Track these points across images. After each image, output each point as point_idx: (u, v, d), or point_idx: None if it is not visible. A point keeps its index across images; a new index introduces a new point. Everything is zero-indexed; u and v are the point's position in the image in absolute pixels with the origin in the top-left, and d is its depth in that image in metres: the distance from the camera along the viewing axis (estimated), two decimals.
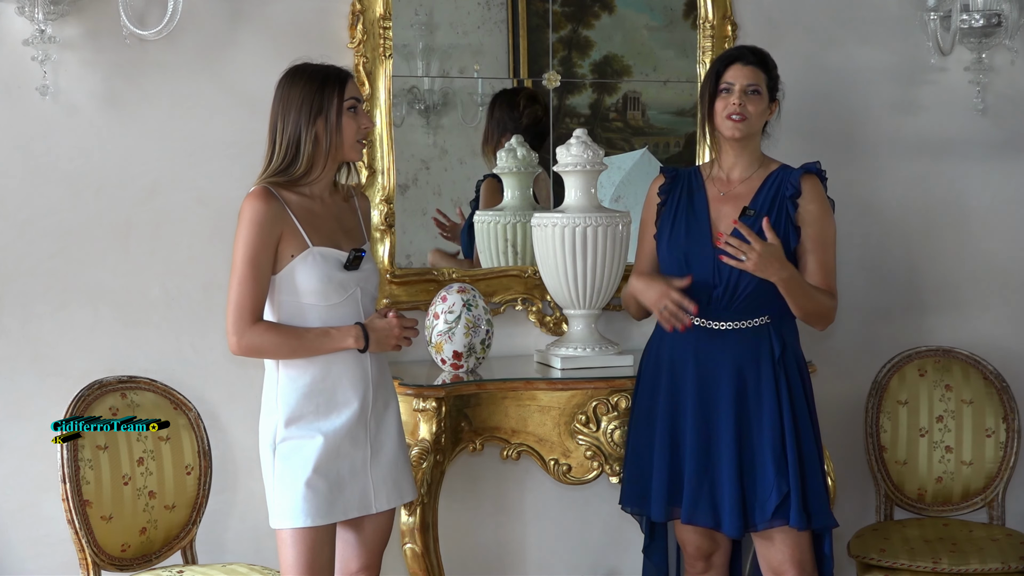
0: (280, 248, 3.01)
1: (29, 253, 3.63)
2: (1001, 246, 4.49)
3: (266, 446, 3.06)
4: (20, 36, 3.51)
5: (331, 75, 3.05)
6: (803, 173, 3.33)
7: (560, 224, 3.73)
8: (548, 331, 4.07)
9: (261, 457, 3.09)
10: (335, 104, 3.03)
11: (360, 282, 3.11)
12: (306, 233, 3.02)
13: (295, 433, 3.03)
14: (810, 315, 3.31)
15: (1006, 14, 4.09)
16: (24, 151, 3.61)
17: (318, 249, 3.03)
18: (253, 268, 2.97)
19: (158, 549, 3.51)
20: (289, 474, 3.02)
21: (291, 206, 3.03)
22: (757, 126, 3.34)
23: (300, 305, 3.03)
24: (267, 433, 3.06)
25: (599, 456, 3.73)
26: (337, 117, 3.03)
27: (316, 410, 3.04)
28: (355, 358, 3.08)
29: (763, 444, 3.26)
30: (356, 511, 3.09)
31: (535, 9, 4.11)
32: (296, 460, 3.02)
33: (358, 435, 3.08)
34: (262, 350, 3.02)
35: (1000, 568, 3.76)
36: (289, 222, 3.01)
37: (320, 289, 3.02)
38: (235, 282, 2.98)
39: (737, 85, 3.31)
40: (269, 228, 2.98)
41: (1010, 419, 4.13)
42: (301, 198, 3.06)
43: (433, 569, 3.57)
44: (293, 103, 3.02)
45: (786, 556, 3.29)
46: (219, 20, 3.74)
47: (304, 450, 3.02)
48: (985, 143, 4.44)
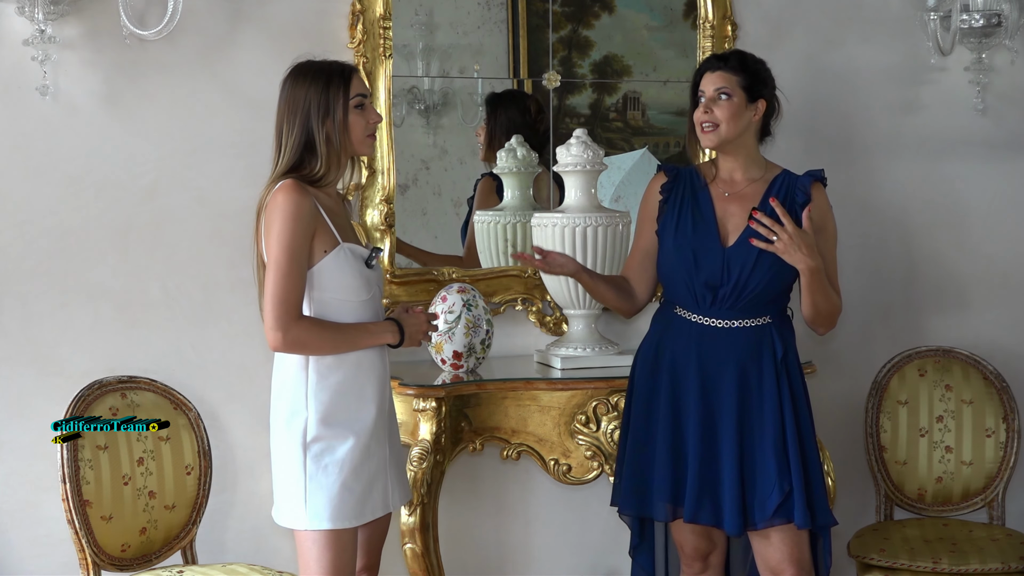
0: (314, 243, 2.97)
1: (29, 253, 3.63)
2: (1001, 246, 4.49)
3: (295, 445, 2.99)
4: (20, 36, 3.51)
5: (335, 73, 3.03)
6: (813, 181, 3.34)
7: (560, 224, 3.74)
8: (548, 331, 4.07)
9: (284, 456, 3.02)
10: (341, 103, 3.01)
11: (377, 281, 3.12)
12: (335, 229, 3.01)
13: (327, 433, 2.99)
14: (820, 315, 3.31)
15: (1006, 14, 4.10)
16: (24, 151, 3.61)
17: (348, 246, 3.02)
18: (294, 262, 2.93)
19: (158, 549, 3.51)
20: (323, 475, 2.98)
21: (320, 201, 3.01)
22: (733, 130, 3.32)
23: (334, 301, 3.00)
24: (295, 432, 3.00)
25: (599, 456, 3.73)
26: (344, 116, 3.02)
27: (348, 408, 3.01)
28: (379, 355, 3.08)
29: (765, 443, 3.26)
30: (381, 510, 3.09)
31: (535, 9, 4.11)
32: (329, 460, 2.98)
33: (381, 434, 3.07)
34: (306, 345, 2.96)
35: (1000, 568, 3.76)
36: (320, 217, 2.99)
37: (353, 284, 3.01)
38: (276, 276, 2.92)
39: (707, 92, 3.32)
40: (307, 221, 2.94)
41: (1010, 419, 4.13)
42: (322, 194, 3.05)
43: (433, 569, 3.57)
44: (299, 104, 3.00)
45: (784, 555, 3.29)
46: (219, 20, 3.75)
47: (338, 451, 2.99)
48: (985, 143, 4.44)
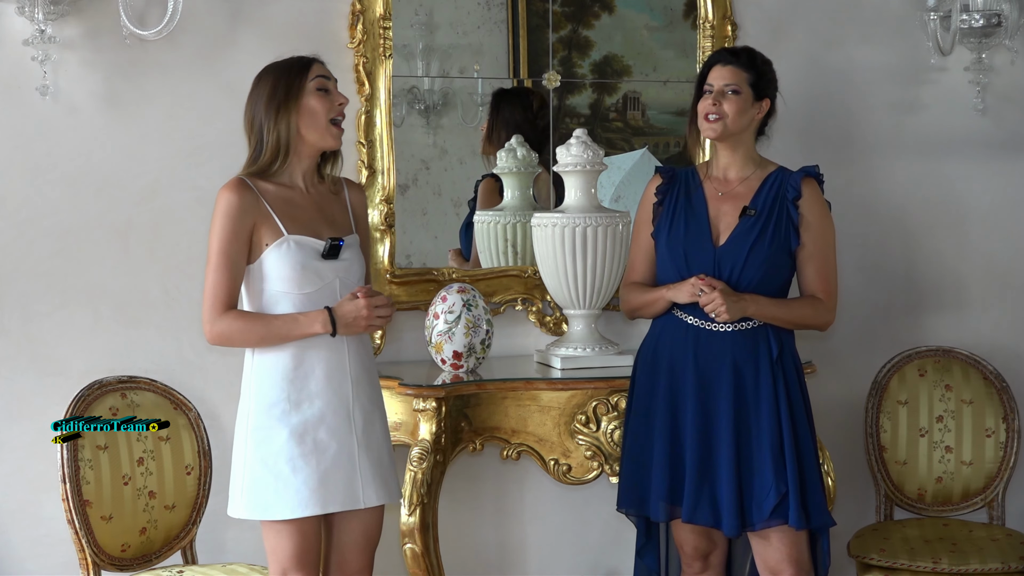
0: (255, 238, 3.02)
1: (29, 253, 3.63)
2: (1001, 246, 4.49)
3: (239, 433, 3.06)
4: (20, 36, 3.51)
5: (294, 63, 3.08)
6: (803, 176, 3.34)
7: (560, 224, 3.73)
8: (548, 331, 4.07)
9: (235, 444, 3.08)
10: (297, 86, 3.04)
11: (339, 272, 3.08)
12: (282, 222, 3.02)
13: (265, 422, 3.01)
14: (798, 327, 3.38)
15: (1006, 14, 4.10)
16: (24, 151, 3.61)
17: (293, 237, 3.02)
18: (224, 258, 2.99)
19: (158, 549, 3.51)
20: (259, 463, 3.00)
21: (267, 196, 3.03)
22: (737, 125, 3.34)
23: (274, 293, 3.03)
24: (242, 420, 3.06)
25: (599, 456, 3.73)
26: (299, 100, 3.03)
27: (287, 398, 3.02)
28: (330, 348, 3.05)
29: (761, 444, 3.26)
30: (340, 505, 3.05)
31: (535, 9, 4.11)
32: (267, 449, 3.00)
33: (337, 427, 3.04)
34: (231, 338, 3.03)
35: (1000, 568, 3.76)
36: (263, 211, 3.01)
37: (292, 276, 3.01)
38: (208, 272, 3.01)
39: (716, 86, 3.33)
40: (240, 218, 2.99)
41: (1010, 419, 4.13)
42: (279, 188, 3.06)
43: (433, 569, 3.57)
44: (261, 96, 3.06)
45: (783, 555, 3.29)
46: (219, 20, 3.75)
47: (275, 441, 3.00)
48: (985, 143, 4.44)
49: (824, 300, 3.35)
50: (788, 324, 3.34)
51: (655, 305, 3.38)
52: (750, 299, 3.26)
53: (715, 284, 3.24)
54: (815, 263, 3.34)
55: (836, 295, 3.38)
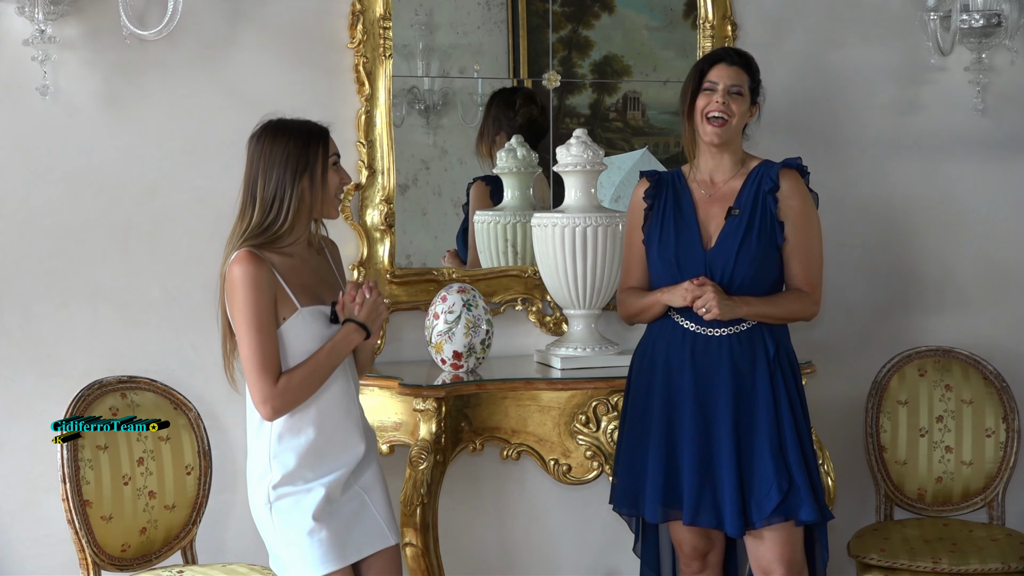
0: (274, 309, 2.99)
1: (29, 253, 3.63)
2: (1001, 246, 4.49)
3: (261, 505, 3.04)
4: (20, 36, 3.51)
5: (314, 131, 3.03)
6: (782, 167, 3.34)
7: (560, 224, 3.74)
8: (548, 331, 4.07)
9: (257, 517, 3.07)
10: (320, 159, 3.01)
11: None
12: (294, 294, 3.00)
13: (291, 490, 3.01)
14: (789, 321, 3.39)
15: (1006, 14, 4.10)
16: (24, 151, 3.61)
17: (307, 309, 3.01)
18: (264, 326, 2.94)
19: (158, 549, 3.52)
20: (292, 529, 3.00)
21: (277, 268, 2.99)
22: (738, 129, 3.34)
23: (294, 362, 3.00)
24: (261, 493, 3.04)
25: (599, 456, 3.73)
26: (323, 173, 3.01)
27: (312, 467, 3.02)
28: (345, 412, 3.07)
29: (761, 442, 3.27)
30: (371, 547, 3.08)
31: (535, 9, 4.11)
32: (295, 514, 3.00)
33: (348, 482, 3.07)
34: (296, 399, 2.98)
35: (1000, 568, 3.76)
36: (278, 284, 2.98)
37: (311, 348, 3.00)
38: (248, 346, 2.93)
39: (721, 84, 3.32)
40: (266, 290, 2.94)
41: (1010, 419, 4.13)
42: (282, 257, 3.02)
43: (433, 569, 3.57)
44: (276, 159, 2.98)
45: (775, 555, 3.29)
46: (219, 20, 3.75)
47: (303, 503, 3.00)
48: (985, 143, 4.45)
49: (809, 292, 3.35)
50: (779, 320, 3.35)
51: (651, 310, 3.39)
52: (740, 301, 3.27)
53: (707, 283, 3.25)
54: (798, 256, 3.33)
55: (820, 286, 3.39)
